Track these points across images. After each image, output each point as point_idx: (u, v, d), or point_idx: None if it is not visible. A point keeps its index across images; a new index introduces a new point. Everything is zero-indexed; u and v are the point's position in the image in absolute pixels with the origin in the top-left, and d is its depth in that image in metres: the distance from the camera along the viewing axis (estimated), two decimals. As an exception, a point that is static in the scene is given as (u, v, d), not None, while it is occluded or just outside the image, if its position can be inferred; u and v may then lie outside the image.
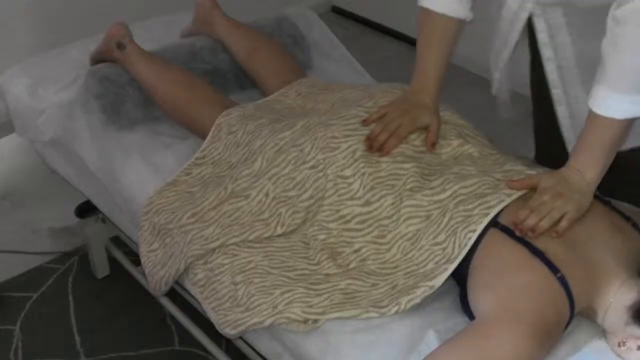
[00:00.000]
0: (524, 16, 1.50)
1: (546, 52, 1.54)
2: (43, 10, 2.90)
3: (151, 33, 2.20)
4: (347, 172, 1.52)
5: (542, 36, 1.52)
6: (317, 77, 2.05)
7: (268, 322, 1.41)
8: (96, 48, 2.02)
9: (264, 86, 1.97)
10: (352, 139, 1.55)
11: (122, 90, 1.91)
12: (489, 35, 1.65)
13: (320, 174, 1.53)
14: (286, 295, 1.42)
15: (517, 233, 1.33)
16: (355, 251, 1.48)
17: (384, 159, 1.53)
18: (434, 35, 1.60)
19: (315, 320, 1.40)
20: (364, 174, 1.51)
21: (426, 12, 1.59)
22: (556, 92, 1.59)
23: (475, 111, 1.77)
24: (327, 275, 1.45)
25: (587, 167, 1.39)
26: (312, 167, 1.54)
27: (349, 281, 1.43)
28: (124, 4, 2.92)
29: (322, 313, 1.39)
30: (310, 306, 1.40)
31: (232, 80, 2.04)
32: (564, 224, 1.34)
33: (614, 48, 1.30)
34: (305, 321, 1.40)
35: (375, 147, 1.54)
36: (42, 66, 2.12)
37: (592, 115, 1.37)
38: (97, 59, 2.03)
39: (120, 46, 1.94)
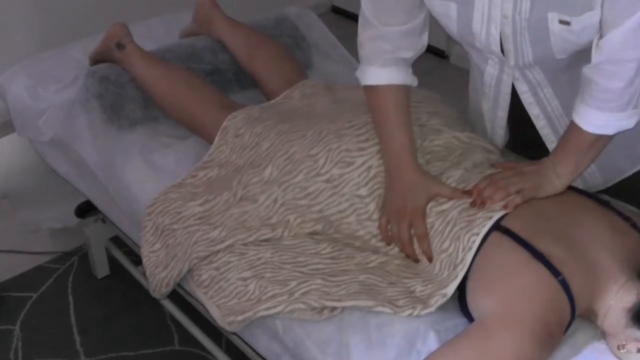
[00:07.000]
0: (507, 80, 1.49)
1: (533, 110, 1.53)
2: (43, 10, 2.90)
3: (151, 33, 2.20)
4: (363, 192, 1.52)
5: (525, 96, 1.51)
6: (317, 77, 2.05)
7: (280, 308, 1.40)
8: (96, 48, 2.02)
9: (265, 86, 1.97)
10: (366, 153, 1.54)
11: (122, 90, 1.91)
12: (471, 97, 1.67)
13: (336, 190, 1.53)
14: (303, 285, 1.42)
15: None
16: (381, 262, 1.47)
17: None
18: (390, 110, 1.51)
19: (332, 309, 1.39)
20: (379, 195, 1.51)
21: (373, 89, 1.52)
22: (553, 147, 1.57)
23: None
24: (345, 270, 1.45)
25: (558, 163, 1.42)
26: (327, 181, 1.54)
27: (367, 275, 1.42)
28: (124, 4, 2.92)
29: (339, 300, 1.38)
30: (328, 294, 1.40)
31: (232, 80, 2.04)
32: (517, 199, 1.39)
33: (599, 74, 1.29)
34: (321, 310, 1.40)
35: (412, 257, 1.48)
36: (42, 66, 2.12)
37: (577, 128, 1.37)
38: (97, 59, 2.02)
39: (119, 46, 1.94)
